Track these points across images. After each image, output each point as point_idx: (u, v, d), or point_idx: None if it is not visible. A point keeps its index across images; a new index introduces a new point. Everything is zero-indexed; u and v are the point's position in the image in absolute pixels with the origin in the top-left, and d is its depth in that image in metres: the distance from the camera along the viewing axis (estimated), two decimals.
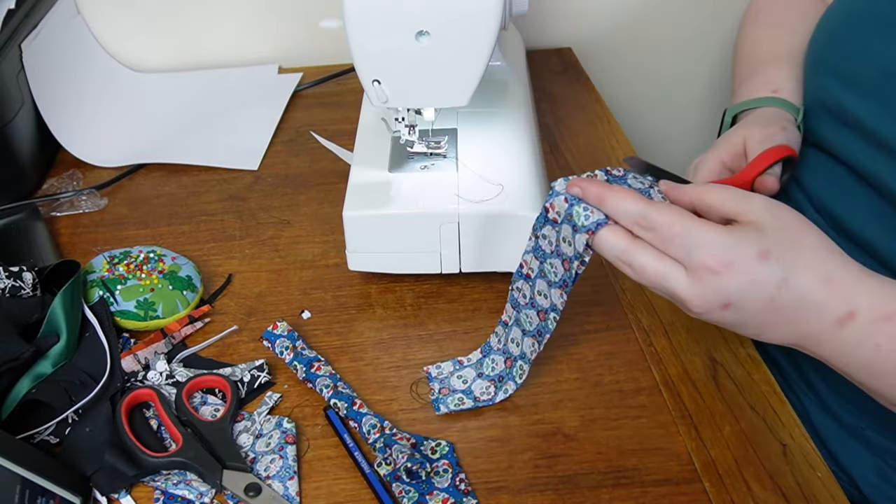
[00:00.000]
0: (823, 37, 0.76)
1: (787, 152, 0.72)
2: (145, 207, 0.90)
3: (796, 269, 0.51)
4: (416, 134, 0.77)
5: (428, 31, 0.67)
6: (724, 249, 0.51)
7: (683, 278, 0.52)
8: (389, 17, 0.67)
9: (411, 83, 0.71)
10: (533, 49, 1.21)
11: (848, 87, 0.71)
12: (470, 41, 0.68)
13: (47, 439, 0.63)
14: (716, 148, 0.74)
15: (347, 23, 0.67)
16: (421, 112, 0.75)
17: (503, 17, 0.70)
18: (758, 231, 0.52)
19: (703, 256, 0.51)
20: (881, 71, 0.67)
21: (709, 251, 0.51)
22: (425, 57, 0.68)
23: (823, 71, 0.75)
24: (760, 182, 0.71)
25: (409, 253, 0.74)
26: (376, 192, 0.75)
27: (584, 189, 0.56)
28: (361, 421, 0.63)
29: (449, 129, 0.81)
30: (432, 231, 0.72)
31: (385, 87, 0.70)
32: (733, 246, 0.51)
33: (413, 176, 0.76)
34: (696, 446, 0.61)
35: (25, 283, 0.69)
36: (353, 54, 0.69)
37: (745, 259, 0.51)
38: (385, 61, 0.69)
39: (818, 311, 0.52)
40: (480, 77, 0.70)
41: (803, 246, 0.52)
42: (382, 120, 0.79)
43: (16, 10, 0.94)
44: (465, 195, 0.73)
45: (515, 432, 0.63)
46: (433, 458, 0.60)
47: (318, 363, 0.68)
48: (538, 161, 0.80)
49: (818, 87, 0.75)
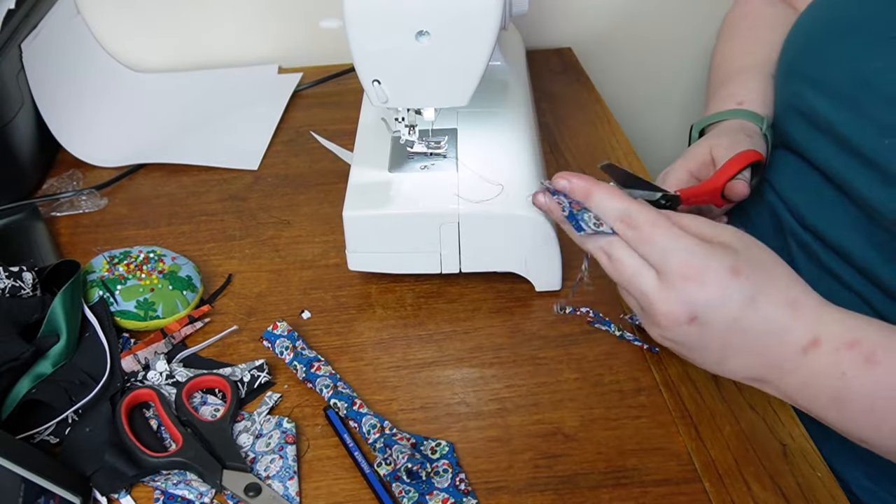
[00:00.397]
0: (796, 46, 0.76)
1: (756, 157, 0.72)
2: (145, 207, 0.90)
3: (764, 291, 0.52)
4: (416, 134, 0.76)
5: (428, 31, 0.66)
6: (699, 258, 0.52)
7: (655, 280, 0.53)
8: (389, 17, 0.66)
9: (411, 83, 0.71)
10: (533, 49, 1.21)
11: (821, 94, 0.71)
12: (470, 41, 0.68)
13: (47, 439, 0.63)
14: (682, 158, 0.75)
15: (347, 23, 0.67)
16: (421, 112, 0.75)
17: (503, 18, 0.70)
18: (731, 249, 0.53)
19: (679, 262, 0.52)
20: (853, 79, 0.67)
21: (684, 257, 0.52)
22: (425, 57, 0.68)
23: (796, 79, 0.75)
24: (731, 187, 0.71)
25: (409, 253, 0.74)
26: (376, 192, 0.75)
27: (571, 183, 0.57)
28: (361, 421, 0.63)
29: (449, 129, 0.81)
30: (432, 231, 0.72)
31: (385, 88, 0.70)
32: (708, 256, 0.52)
33: (413, 176, 0.76)
34: (696, 446, 0.61)
35: (25, 283, 0.69)
36: (352, 54, 0.69)
37: (718, 271, 0.51)
38: (385, 61, 0.69)
39: (782, 336, 0.52)
40: (480, 77, 0.70)
41: (772, 270, 0.53)
42: (382, 120, 0.79)
43: (16, 9, 0.94)
44: (465, 195, 0.73)
45: (515, 432, 0.63)
46: (433, 458, 0.60)
47: (318, 363, 0.68)
48: (538, 161, 0.80)
49: (792, 94, 0.76)
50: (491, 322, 0.73)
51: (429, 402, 0.66)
